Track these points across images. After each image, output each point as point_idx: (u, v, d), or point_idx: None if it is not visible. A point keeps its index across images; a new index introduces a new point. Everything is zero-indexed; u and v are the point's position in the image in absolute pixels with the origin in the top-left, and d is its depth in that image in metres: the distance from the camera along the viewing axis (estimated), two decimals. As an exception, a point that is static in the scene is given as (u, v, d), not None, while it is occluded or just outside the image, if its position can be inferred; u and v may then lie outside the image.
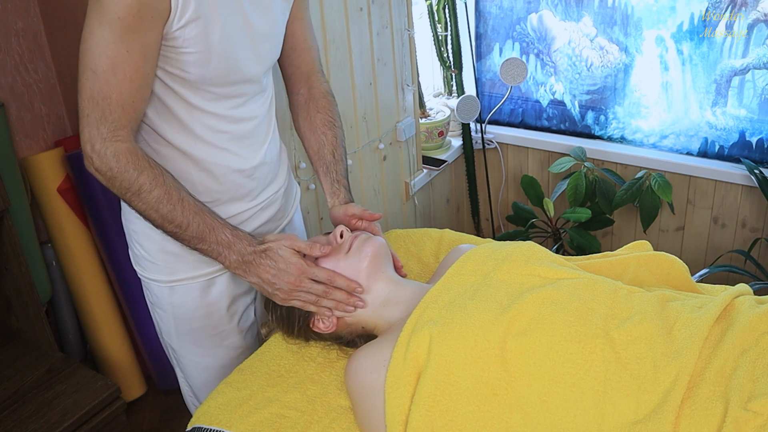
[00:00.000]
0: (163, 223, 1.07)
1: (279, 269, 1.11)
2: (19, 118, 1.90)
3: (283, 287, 1.12)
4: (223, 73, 1.09)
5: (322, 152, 1.32)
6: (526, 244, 1.20)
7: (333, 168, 1.32)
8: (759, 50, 2.07)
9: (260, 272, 1.12)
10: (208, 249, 1.10)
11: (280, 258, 1.11)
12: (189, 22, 1.01)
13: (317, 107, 1.34)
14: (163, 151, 1.14)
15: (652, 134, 2.37)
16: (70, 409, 1.58)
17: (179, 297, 1.25)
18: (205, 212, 1.09)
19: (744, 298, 1.07)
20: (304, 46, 1.31)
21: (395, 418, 0.98)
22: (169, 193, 1.05)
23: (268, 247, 1.12)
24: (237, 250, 1.10)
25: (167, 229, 1.08)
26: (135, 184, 1.03)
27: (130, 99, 1.01)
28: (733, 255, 2.35)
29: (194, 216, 1.07)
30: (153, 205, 1.05)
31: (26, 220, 1.85)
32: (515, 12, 2.48)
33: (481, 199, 2.80)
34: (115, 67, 0.98)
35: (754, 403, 0.89)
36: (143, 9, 0.95)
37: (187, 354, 1.33)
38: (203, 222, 1.08)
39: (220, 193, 1.19)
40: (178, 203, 1.06)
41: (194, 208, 1.08)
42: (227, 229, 1.11)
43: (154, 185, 1.04)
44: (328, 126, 1.33)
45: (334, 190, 1.31)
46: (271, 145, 1.27)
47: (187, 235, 1.08)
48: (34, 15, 1.89)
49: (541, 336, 0.99)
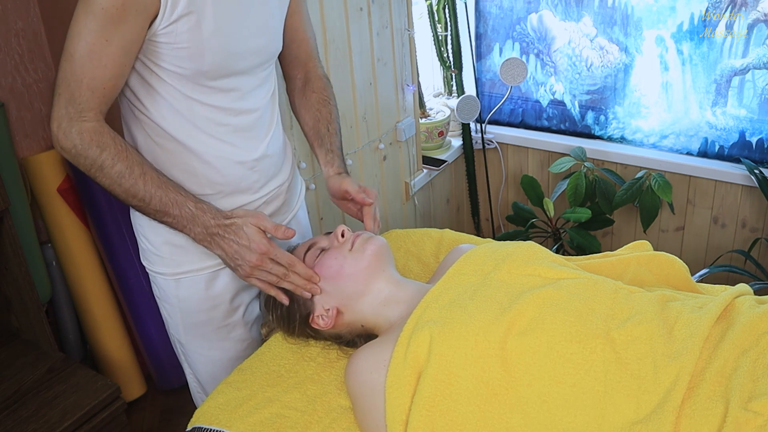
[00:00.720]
0: (127, 197, 1.09)
1: (241, 245, 1.12)
2: (19, 118, 1.90)
3: (244, 264, 1.12)
4: (218, 66, 1.10)
5: (317, 127, 1.35)
6: (526, 244, 1.20)
7: (327, 140, 1.34)
8: (759, 50, 2.07)
9: (224, 245, 1.13)
10: (173, 222, 1.12)
11: (244, 234, 1.12)
12: (181, 17, 1.02)
13: (312, 88, 1.37)
14: (165, 144, 1.15)
15: (652, 134, 2.37)
16: (70, 409, 1.57)
17: (185, 290, 1.26)
18: (168, 186, 1.10)
19: (744, 298, 1.07)
20: (303, 37, 1.34)
21: (395, 418, 0.98)
22: (131, 168, 1.07)
23: (233, 222, 1.13)
24: (201, 222, 1.11)
25: (132, 204, 1.10)
26: (98, 160, 1.06)
27: (101, 85, 1.04)
28: (733, 255, 2.35)
29: (156, 189, 1.09)
30: (116, 180, 1.07)
31: (26, 220, 1.85)
32: (515, 12, 2.48)
33: (481, 199, 2.80)
34: (91, 53, 1.01)
35: (755, 403, 0.89)
36: (128, 2, 0.98)
37: (195, 347, 1.34)
38: (165, 195, 1.09)
39: (223, 185, 1.20)
40: (140, 177, 1.08)
41: (157, 182, 1.09)
42: (190, 201, 1.12)
43: (116, 160, 1.06)
44: (323, 104, 1.36)
45: (328, 159, 1.32)
46: (274, 137, 1.28)
47: (151, 208, 1.10)
48: (34, 15, 1.89)
49: (542, 336, 0.99)
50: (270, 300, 1.24)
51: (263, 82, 1.23)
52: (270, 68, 1.25)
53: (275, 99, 1.30)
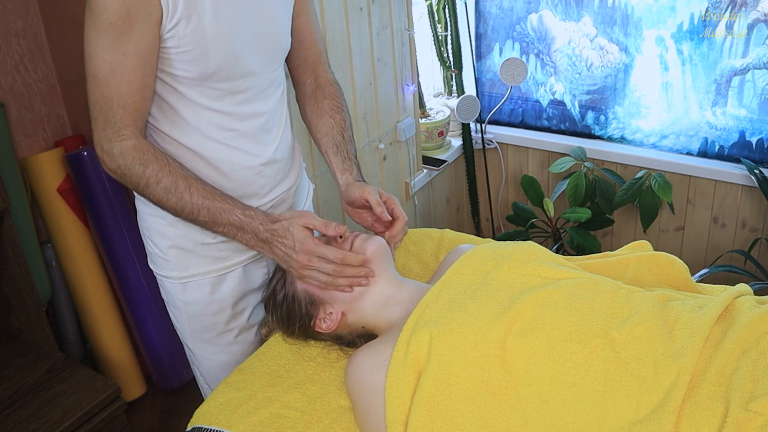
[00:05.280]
0: (176, 211, 1.10)
1: (288, 247, 1.11)
2: (19, 118, 1.90)
3: (295, 265, 1.12)
4: (223, 67, 1.09)
5: (331, 134, 1.31)
6: (526, 244, 1.20)
7: (343, 147, 1.30)
8: (759, 50, 2.07)
9: (274, 250, 1.13)
10: (225, 231, 1.12)
11: (290, 236, 1.11)
12: (180, 20, 1.02)
13: (324, 94, 1.34)
14: (172, 150, 1.15)
15: (652, 134, 2.37)
16: (70, 409, 1.57)
17: (191, 294, 1.26)
18: (215, 196, 1.11)
19: (744, 298, 1.07)
20: (310, 39, 1.31)
21: (395, 418, 0.98)
22: (176, 182, 1.08)
23: (281, 224, 1.12)
24: (250, 229, 1.12)
25: (183, 216, 1.11)
26: (143, 177, 1.07)
27: (130, 100, 1.04)
28: (733, 255, 2.35)
29: (203, 201, 1.09)
30: (163, 196, 1.08)
31: (26, 220, 1.85)
32: (515, 12, 2.48)
33: (481, 199, 2.80)
34: (113, 70, 1.02)
35: (755, 404, 0.88)
36: (132, 12, 0.98)
37: (202, 351, 1.34)
38: (213, 206, 1.10)
39: (230, 190, 1.19)
40: (185, 190, 1.08)
41: (203, 193, 1.09)
42: (238, 209, 1.11)
43: (161, 176, 1.07)
44: (337, 110, 1.33)
45: (345, 167, 1.28)
46: (282, 142, 1.26)
47: (201, 220, 1.11)
48: (34, 15, 1.89)
49: (542, 336, 0.99)
50: (270, 300, 1.23)
51: (272, 83, 1.21)
52: (279, 69, 1.24)
53: (284, 102, 1.28)
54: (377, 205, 1.20)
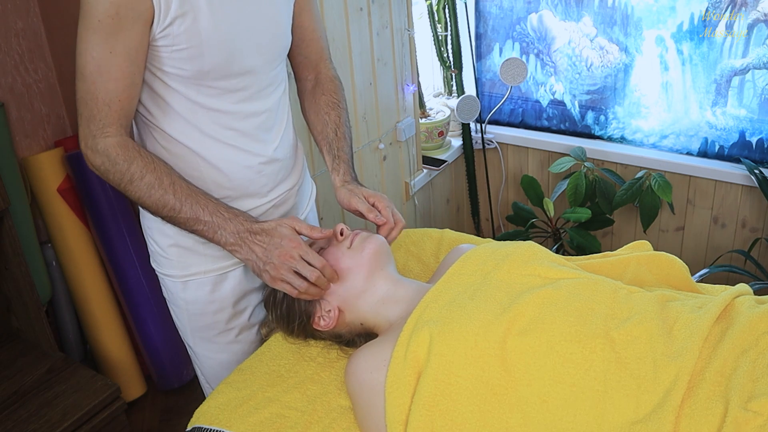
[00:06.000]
0: (158, 208, 1.09)
1: (272, 243, 1.10)
2: (19, 118, 1.90)
3: (274, 260, 1.09)
4: (220, 65, 1.09)
5: (325, 131, 1.32)
6: (526, 244, 1.20)
7: (335, 145, 1.31)
8: (759, 50, 2.07)
9: (254, 247, 1.11)
10: (205, 229, 1.11)
11: (277, 233, 1.11)
12: (175, 18, 1.02)
13: (322, 90, 1.35)
14: (172, 149, 1.15)
15: (652, 134, 2.37)
16: (70, 409, 1.57)
17: (192, 292, 1.26)
18: (198, 194, 1.11)
19: (744, 298, 1.07)
20: (312, 36, 1.31)
21: (395, 418, 0.99)
22: (160, 179, 1.08)
23: (268, 224, 1.12)
24: (232, 227, 1.11)
25: (163, 214, 1.10)
26: (127, 173, 1.07)
27: (116, 98, 1.05)
28: (733, 255, 2.35)
29: (186, 198, 1.09)
30: (146, 191, 1.08)
31: (26, 220, 1.85)
32: (515, 12, 2.48)
33: (481, 199, 2.80)
34: (100, 68, 1.02)
35: (754, 403, 0.89)
36: (122, 11, 0.99)
37: (203, 350, 1.34)
38: (196, 203, 1.10)
39: (230, 189, 1.20)
40: (169, 187, 1.09)
41: (186, 191, 1.10)
42: (222, 207, 1.12)
43: (145, 172, 1.07)
44: (332, 107, 1.33)
45: (334, 166, 1.30)
46: (283, 141, 1.26)
47: (182, 217, 1.10)
48: (34, 15, 1.89)
49: (541, 336, 0.99)
50: (270, 299, 1.24)
51: (272, 81, 1.21)
52: (280, 67, 1.23)
53: (286, 100, 1.28)
54: (369, 212, 1.22)
